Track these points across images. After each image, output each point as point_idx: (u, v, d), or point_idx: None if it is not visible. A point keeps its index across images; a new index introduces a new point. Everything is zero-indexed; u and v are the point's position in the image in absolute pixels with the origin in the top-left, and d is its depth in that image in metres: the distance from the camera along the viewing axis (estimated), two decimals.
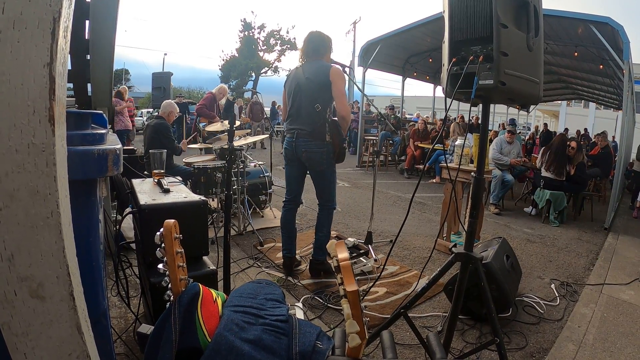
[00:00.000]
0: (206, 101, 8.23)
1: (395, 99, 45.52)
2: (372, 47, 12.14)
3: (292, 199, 4.30)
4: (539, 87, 2.28)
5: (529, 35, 2.17)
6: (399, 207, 7.83)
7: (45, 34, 0.91)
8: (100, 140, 1.56)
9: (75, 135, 1.46)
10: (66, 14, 0.96)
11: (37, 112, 0.94)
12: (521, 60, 2.16)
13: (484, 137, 2.36)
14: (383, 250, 5.16)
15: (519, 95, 2.27)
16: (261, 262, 4.61)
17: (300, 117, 3.97)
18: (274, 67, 43.16)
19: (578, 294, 4.37)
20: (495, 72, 2.08)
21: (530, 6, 2.16)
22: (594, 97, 19.10)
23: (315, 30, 4.11)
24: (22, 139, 0.93)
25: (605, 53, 8.33)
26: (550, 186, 7.45)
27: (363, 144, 13.04)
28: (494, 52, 2.09)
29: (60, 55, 0.97)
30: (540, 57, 2.27)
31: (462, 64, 2.25)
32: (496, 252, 3.67)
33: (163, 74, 12.68)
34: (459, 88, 2.23)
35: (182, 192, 2.70)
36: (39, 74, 0.92)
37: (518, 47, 2.15)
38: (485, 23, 2.14)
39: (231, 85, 42.67)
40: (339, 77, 3.87)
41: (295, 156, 4.06)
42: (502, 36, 2.07)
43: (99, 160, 1.46)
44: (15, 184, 0.95)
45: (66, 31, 0.99)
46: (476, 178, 2.40)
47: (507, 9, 2.12)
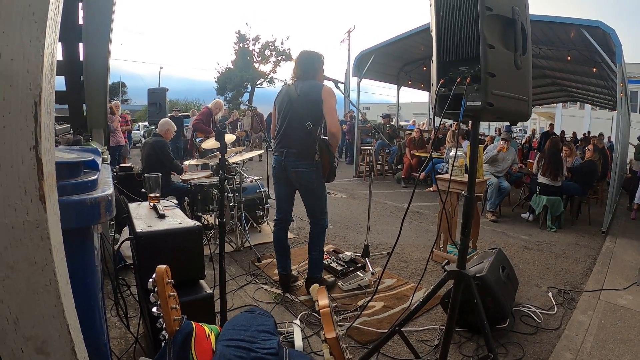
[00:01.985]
0: (202, 116, 8.27)
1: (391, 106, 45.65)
2: (366, 57, 12.18)
3: (282, 217, 4.30)
4: (527, 104, 2.31)
5: (517, 53, 2.19)
6: (396, 217, 7.84)
7: (28, 118, 0.96)
8: (92, 186, 1.59)
9: (68, 185, 1.50)
10: (47, 94, 1.00)
11: (29, 192, 1.00)
12: (509, 80, 2.19)
13: (474, 156, 2.38)
14: (380, 263, 5.17)
15: (507, 114, 2.30)
16: (259, 279, 4.62)
17: (290, 136, 3.98)
18: (270, 78, 43.25)
19: (576, 301, 4.38)
20: (483, 93, 2.11)
21: (517, 24, 2.18)
22: (589, 98, 19.13)
23: (306, 51, 4.13)
24: (17, 217, 1.00)
25: (597, 56, 8.38)
26: (547, 192, 7.47)
27: (360, 154, 13.04)
28: (481, 73, 2.11)
29: (45, 134, 1.02)
30: (528, 74, 2.30)
31: (450, 84, 2.28)
32: (492, 264, 3.68)
33: (158, 90, 12.70)
34: (448, 109, 2.26)
35: (177, 217, 2.72)
36: (27, 157, 0.98)
37: (506, 67, 2.17)
38: (473, 44, 2.17)
39: (227, 97, 42.75)
40: (330, 95, 3.90)
41: (284, 175, 4.06)
42: (489, 57, 2.10)
43: (92, 208, 1.50)
44: (15, 257, 1.02)
45: (49, 106, 1.04)
46: (467, 197, 2.42)
47: (494, 29, 2.14)
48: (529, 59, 2.29)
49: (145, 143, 6.19)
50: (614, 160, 8.15)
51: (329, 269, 4.75)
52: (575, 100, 22.15)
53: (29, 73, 0.94)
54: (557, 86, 16.84)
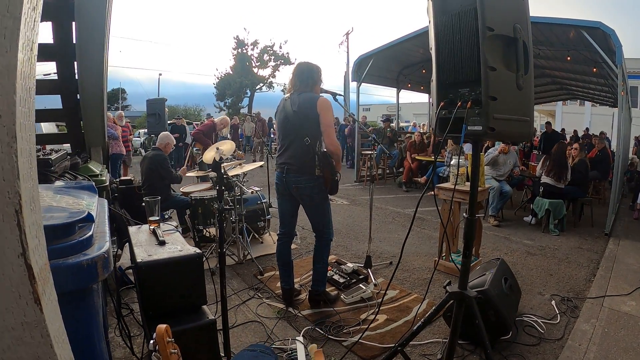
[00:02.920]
0: (205, 128, 8.29)
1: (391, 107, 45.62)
2: (365, 61, 12.16)
3: (286, 232, 4.29)
4: (529, 124, 2.29)
5: (519, 74, 2.17)
6: (398, 224, 7.84)
7: (12, 228, 0.95)
8: (88, 244, 1.57)
9: (62, 248, 1.49)
10: (28, 194, 1.00)
11: (23, 296, 1.00)
12: (511, 102, 2.17)
13: (475, 177, 2.37)
14: (383, 273, 5.17)
15: (509, 137, 2.31)
16: (262, 293, 4.61)
17: (289, 151, 3.97)
18: (269, 83, 43.27)
19: (579, 309, 4.37)
20: (484, 118, 2.09)
21: (519, 43, 2.16)
22: (589, 96, 19.05)
23: (303, 62, 4.11)
24: (15, 319, 1.00)
25: (597, 56, 8.35)
26: (550, 194, 7.44)
27: (360, 158, 13.03)
28: (482, 97, 2.10)
29: (32, 241, 1.02)
30: (530, 93, 2.28)
31: (450, 107, 2.26)
32: (494, 276, 3.67)
33: (157, 100, 12.73)
34: (449, 132, 2.25)
35: (178, 243, 2.71)
36: (16, 264, 0.98)
37: (507, 88, 2.15)
38: (473, 66, 2.15)
39: (227, 103, 42.77)
40: (326, 108, 3.87)
41: (286, 190, 4.06)
42: (490, 80, 2.08)
43: (89, 269, 1.49)
44: (18, 354, 1.03)
45: (33, 203, 1.04)
46: (468, 219, 2.40)
47: (495, 49, 2.12)
48: (531, 77, 2.27)
49: (145, 157, 6.19)
50: (616, 159, 8.11)
51: (332, 281, 4.75)
52: (576, 98, 22.05)
53: (5, 181, 0.93)
54: (557, 85, 16.80)
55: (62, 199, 1.77)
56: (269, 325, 3.92)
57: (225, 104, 42.95)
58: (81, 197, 1.93)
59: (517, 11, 2.25)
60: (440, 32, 2.37)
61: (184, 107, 47.83)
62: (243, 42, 42.20)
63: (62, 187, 2.00)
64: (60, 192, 1.96)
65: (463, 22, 2.22)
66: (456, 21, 2.26)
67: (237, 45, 42.33)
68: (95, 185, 3.49)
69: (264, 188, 7.25)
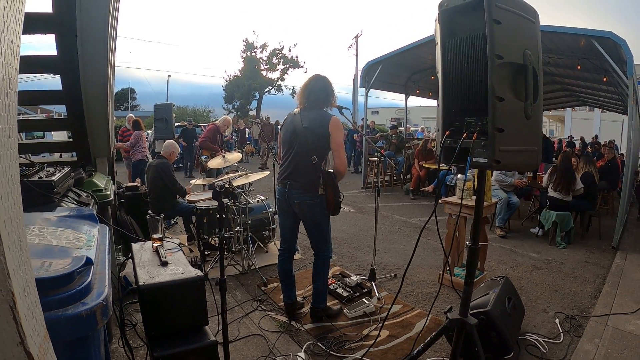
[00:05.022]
0: (209, 133, 8.27)
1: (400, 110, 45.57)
2: (374, 67, 12.11)
3: (287, 248, 4.27)
4: (536, 154, 2.26)
5: (527, 103, 2.13)
6: (404, 234, 7.81)
7: (8, 321, 0.96)
8: (87, 291, 1.56)
9: (62, 298, 1.47)
10: (22, 296, 1.02)
11: None
12: (518, 132, 2.13)
13: (479, 206, 2.36)
14: (387, 287, 5.15)
15: (515, 168, 2.28)
16: (265, 305, 4.61)
17: (294, 168, 3.94)
18: (278, 86, 43.29)
19: (583, 328, 4.33)
20: (490, 150, 2.06)
21: (529, 70, 2.12)
22: (599, 103, 18.93)
23: (316, 77, 4.06)
24: None
25: (607, 65, 8.29)
26: (557, 207, 7.39)
27: (368, 164, 13.03)
28: (489, 128, 2.06)
29: (29, 326, 1.03)
30: (539, 121, 2.25)
31: (456, 136, 2.23)
32: (498, 295, 3.65)
33: (165, 106, 12.78)
34: (455, 162, 2.23)
35: (180, 263, 2.71)
36: (16, 351, 0.99)
37: (515, 118, 2.12)
38: (480, 95, 2.11)
39: (235, 106, 42.82)
40: (338, 128, 3.86)
41: (288, 206, 4.04)
42: (497, 111, 2.04)
43: (88, 319, 1.48)
44: None
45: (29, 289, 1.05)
46: (470, 248, 2.38)
47: (504, 77, 2.08)
48: (540, 104, 2.23)
49: (150, 165, 6.21)
50: (625, 170, 8.04)
51: (335, 294, 4.74)
52: (585, 104, 21.92)
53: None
54: (566, 91, 16.69)
55: (63, 233, 1.77)
56: (271, 339, 3.92)
57: (233, 106, 43.02)
58: (81, 229, 1.93)
59: (527, 36, 2.22)
60: (447, 56, 2.34)
61: (192, 109, 47.96)
62: (252, 45, 42.23)
63: (62, 217, 2.00)
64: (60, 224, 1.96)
65: (471, 47, 2.19)
66: (464, 46, 2.24)
67: (246, 48, 42.38)
68: (99, 200, 3.52)
69: (270, 193, 7.22)
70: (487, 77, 2.05)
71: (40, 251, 1.61)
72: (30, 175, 2.82)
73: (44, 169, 3.05)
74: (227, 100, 43.12)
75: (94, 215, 2.07)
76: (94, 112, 4.37)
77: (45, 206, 2.57)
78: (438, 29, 2.39)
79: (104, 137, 4.58)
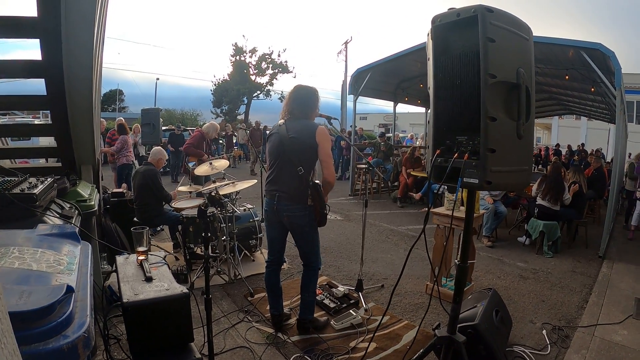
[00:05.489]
0: (194, 140, 8.18)
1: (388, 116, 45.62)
2: (362, 75, 12.10)
3: (274, 259, 4.21)
4: (527, 173, 2.23)
5: (519, 122, 2.10)
6: (392, 243, 7.77)
7: None
8: (67, 323, 1.49)
9: (41, 332, 1.41)
10: None
11: None
12: (510, 152, 2.11)
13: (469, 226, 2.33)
14: (374, 297, 5.12)
15: (506, 188, 2.25)
16: (251, 316, 4.54)
17: (282, 179, 3.89)
18: (266, 91, 43.31)
19: (570, 339, 4.34)
20: (481, 170, 2.03)
21: (522, 89, 2.09)
22: (586, 111, 19.09)
23: (300, 86, 4.03)
24: None
25: (595, 76, 8.36)
26: (545, 215, 7.42)
27: (355, 172, 12.99)
28: (480, 148, 2.03)
29: None
30: (530, 140, 2.22)
31: (446, 154, 2.20)
32: (485, 308, 3.63)
33: (152, 110, 12.61)
34: (445, 181, 2.20)
35: (165, 279, 2.65)
36: None
37: (507, 138, 2.09)
38: (473, 114, 2.07)
39: (224, 110, 42.80)
40: (325, 138, 3.82)
41: (276, 218, 3.98)
42: (490, 131, 2.01)
43: (69, 353, 1.42)
44: None
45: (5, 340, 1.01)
46: (459, 266, 2.36)
47: (496, 96, 2.05)
48: (532, 123, 2.21)
49: (137, 172, 6.13)
50: (612, 179, 8.08)
51: (322, 305, 4.70)
52: (572, 112, 22.10)
53: None
54: (554, 100, 16.80)
55: (44, 255, 1.71)
56: (257, 352, 3.87)
57: (222, 110, 42.99)
58: (63, 249, 1.87)
59: (521, 54, 2.19)
60: (439, 73, 2.29)
61: (180, 112, 47.82)
62: (241, 49, 42.28)
63: (44, 236, 1.94)
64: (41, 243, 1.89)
65: (464, 65, 2.15)
66: (457, 64, 2.19)
67: (236, 52, 42.41)
68: (83, 210, 3.46)
69: (257, 199, 7.16)
70: (479, 95, 2.02)
71: (20, 277, 1.55)
72: (11, 187, 2.75)
73: (26, 180, 2.98)
74: (216, 105, 43.14)
75: (76, 234, 2.01)
76: (79, 118, 4.28)
77: (26, 220, 2.51)
78: (430, 45, 2.34)
79: (89, 144, 4.50)
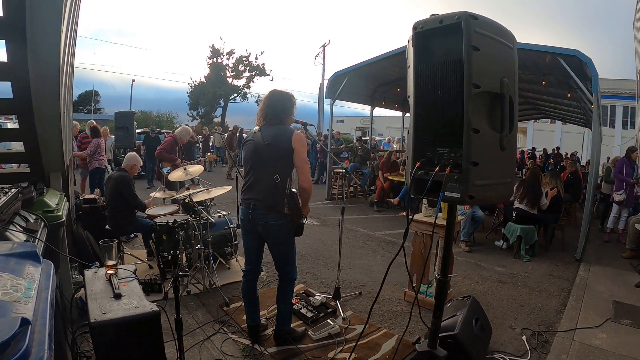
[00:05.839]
0: (166, 145, 7.98)
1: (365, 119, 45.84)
2: (340, 78, 12.05)
3: (252, 269, 4.08)
4: (510, 185, 2.16)
5: (503, 134, 2.02)
6: (369, 248, 7.68)
7: None
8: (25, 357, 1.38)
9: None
10: None
11: None
12: (493, 165, 2.03)
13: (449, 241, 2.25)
14: (352, 305, 5.04)
15: (488, 201, 2.18)
16: (227, 327, 4.41)
17: (258, 187, 3.78)
18: (243, 94, 43.08)
19: (550, 344, 4.33)
20: (463, 185, 1.95)
21: (506, 99, 2.01)
22: (561, 115, 19.32)
23: (276, 91, 3.94)
24: None
25: (572, 82, 8.43)
26: (522, 219, 7.44)
27: (332, 176, 12.91)
28: (463, 162, 1.95)
29: None
30: (513, 151, 2.15)
31: (427, 167, 2.11)
32: (465, 317, 3.58)
33: (126, 114, 12.35)
34: (425, 196, 2.11)
35: (135, 295, 2.52)
36: None
37: (490, 151, 2.01)
38: (455, 126, 1.98)
39: (200, 113, 42.49)
40: (302, 144, 3.73)
41: (252, 227, 3.86)
42: (473, 143, 1.93)
43: None
44: None
45: None
46: (440, 280, 2.27)
47: (480, 107, 1.97)
48: (515, 134, 2.13)
49: (109, 178, 5.91)
50: (589, 183, 8.14)
51: (299, 314, 4.60)
52: (548, 117, 22.36)
53: None
54: (529, 105, 16.95)
55: (1, 280, 1.58)
56: None
57: (198, 113, 42.65)
58: (22, 271, 1.73)
59: (505, 63, 2.11)
60: (420, 82, 2.19)
61: (156, 114, 47.38)
62: (219, 51, 42.03)
63: (2, 257, 1.80)
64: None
65: (446, 74, 2.05)
66: (439, 72, 2.09)
67: (213, 54, 42.14)
68: (50, 221, 3.30)
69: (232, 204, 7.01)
70: (462, 106, 1.93)
71: None
72: None
73: None
74: (192, 107, 42.81)
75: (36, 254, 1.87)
76: (46, 122, 4.10)
77: None
78: (411, 52, 2.23)
79: (58, 150, 4.33)
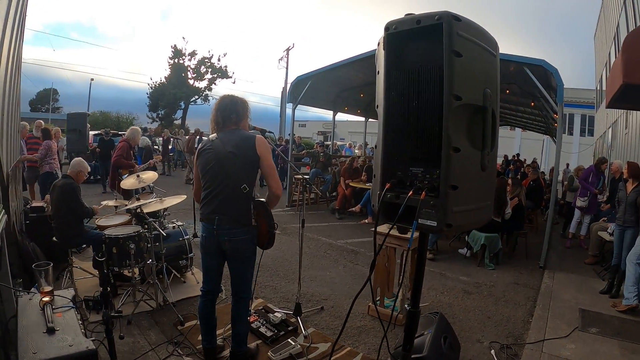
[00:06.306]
0: (121, 151, 7.62)
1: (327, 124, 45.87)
2: (302, 83, 11.82)
3: (210, 290, 3.77)
4: (489, 208, 1.92)
5: (484, 152, 1.77)
6: (331, 259, 7.41)
7: None
8: None
9: None
10: None
11: None
12: (473, 187, 1.78)
13: (421, 271, 2.03)
14: (314, 321, 4.80)
15: (467, 228, 1.94)
16: (182, 349, 4.08)
17: (222, 200, 3.48)
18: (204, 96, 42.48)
19: (519, 357, 4.26)
20: (441, 212, 1.69)
21: (488, 112, 1.77)
22: (522, 123, 19.61)
23: (226, 96, 3.68)
24: None
25: (537, 91, 8.46)
26: (486, 227, 7.34)
27: (293, 182, 12.66)
28: (441, 186, 1.68)
29: None
30: (493, 170, 1.92)
31: (398, 188, 1.84)
32: (433, 336, 3.39)
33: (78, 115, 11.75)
34: (396, 222, 1.84)
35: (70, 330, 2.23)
36: None
37: (470, 171, 1.76)
38: (431, 140, 1.72)
39: (160, 114, 41.73)
40: (267, 149, 3.51)
41: (215, 246, 3.55)
42: (452, 164, 1.66)
43: None
44: None
45: None
46: (410, 312, 2.04)
47: (460, 121, 1.70)
48: (496, 152, 1.90)
49: (54, 185, 5.48)
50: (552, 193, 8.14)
51: (257, 333, 4.32)
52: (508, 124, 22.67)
53: None
54: None
55: None
56: None
57: (158, 115, 41.84)
58: None
59: (488, 72, 1.87)
60: (391, 90, 1.89)
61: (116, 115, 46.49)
62: (180, 51, 41.30)
63: None
64: None
65: (423, 82, 1.77)
66: (414, 80, 1.80)
67: (174, 54, 41.36)
68: None
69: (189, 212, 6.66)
70: (440, 120, 1.67)
71: None
72: None
73: None
74: (152, 109, 41.96)
75: None
76: None
77: None
78: (382, 56, 1.93)
79: None
